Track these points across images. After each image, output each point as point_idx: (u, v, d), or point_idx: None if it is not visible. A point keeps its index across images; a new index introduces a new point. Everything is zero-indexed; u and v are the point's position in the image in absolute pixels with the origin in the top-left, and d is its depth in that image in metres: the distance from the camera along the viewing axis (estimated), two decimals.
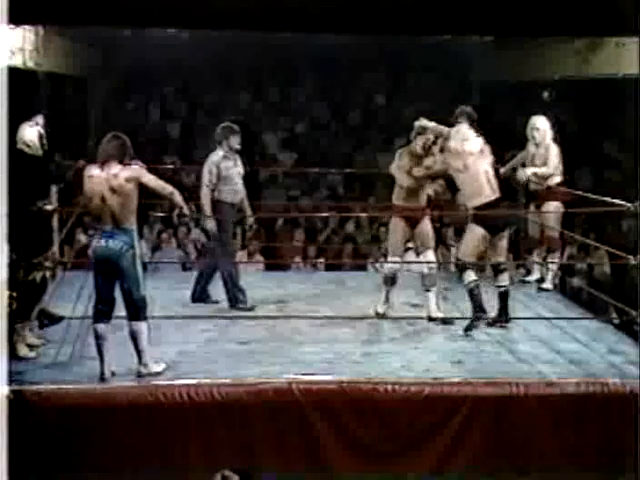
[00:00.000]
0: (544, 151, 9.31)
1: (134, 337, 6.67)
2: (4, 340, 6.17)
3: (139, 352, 6.69)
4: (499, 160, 9.88)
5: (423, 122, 8.27)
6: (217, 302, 8.68)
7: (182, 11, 7.96)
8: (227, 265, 8.57)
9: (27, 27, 10.74)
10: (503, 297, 8.07)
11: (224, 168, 8.49)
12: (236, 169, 8.59)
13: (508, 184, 9.64)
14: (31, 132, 7.18)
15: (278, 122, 17.75)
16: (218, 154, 8.56)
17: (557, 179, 9.33)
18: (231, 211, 8.59)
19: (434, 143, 8.22)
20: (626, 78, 11.04)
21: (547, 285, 9.42)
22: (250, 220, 8.99)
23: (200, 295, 8.79)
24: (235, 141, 8.58)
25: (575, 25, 8.29)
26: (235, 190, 8.58)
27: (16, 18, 6.94)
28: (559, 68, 13.87)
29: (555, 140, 9.38)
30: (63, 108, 15.13)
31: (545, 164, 9.28)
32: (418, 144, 8.30)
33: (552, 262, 9.48)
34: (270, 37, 13.79)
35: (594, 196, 8.65)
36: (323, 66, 17.74)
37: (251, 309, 8.51)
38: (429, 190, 8.40)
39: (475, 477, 6.56)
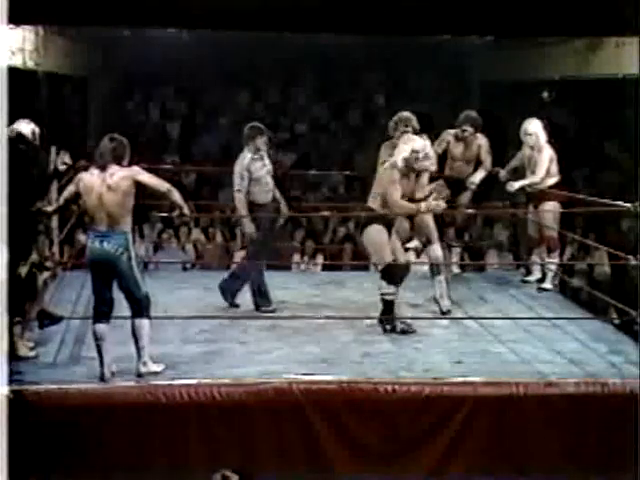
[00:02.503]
0: (537, 154, 9.34)
1: (136, 334, 6.68)
2: (4, 340, 6.17)
3: (139, 349, 6.69)
4: (499, 161, 9.92)
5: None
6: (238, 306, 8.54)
7: (182, 11, 7.96)
8: (258, 267, 8.52)
9: (27, 27, 10.74)
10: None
11: (254, 170, 8.39)
12: (265, 168, 8.48)
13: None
14: (25, 128, 7.16)
15: (278, 122, 17.75)
16: (247, 157, 8.43)
17: (553, 180, 9.34)
18: (265, 211, 8.47)
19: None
20: (626, 78, 11.04)
21: (547, 285, 9.42)
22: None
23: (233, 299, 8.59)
24: (262, 142, 8.48)
25: (575, 25, 8.29)
26: (266, 190, 8.47)
27: (16, 18, 6.94)
28: (559, 68, 13.88)
29: (549, 142, 9.38)
30: (63, 108, 15.15)
31: (537, 167, 9.30)
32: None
33: (551, 262, 9.47)
34: (270, 37, 13.81)
35: (592, 197, 8.66)
36: (323, 66, 17.76)
37: (274, 311, 8.40)
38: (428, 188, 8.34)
39: (475, 477, 6.56)
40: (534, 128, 9.38)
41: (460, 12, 7.98)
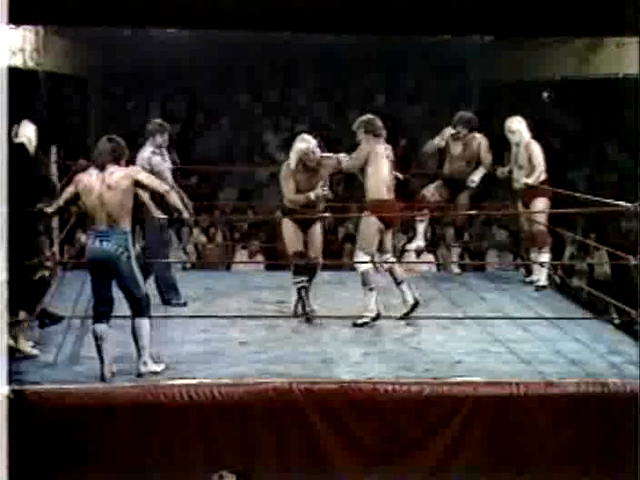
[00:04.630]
0: (524, 150, 9.46)
1: (136, 334, 6.67)
2: (4, 340, 6.16)
3: (139, 349, 6.69)
4: (498, 161, 9.95)
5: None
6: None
7: (182, 11, 7.96)
8: (162, 263, 8.63)
9: (28, 27, 10.74)
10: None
11: (155, 164, 8.50)
12: (165, 164, 8.61)
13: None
14: (30, 129, 7.19)
15: (278, 122, 17.76)
16: (147, 150, 8.58)
17: (542, 177, 9.41)
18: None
19: None
20: (627, 78, 11.05)
21: (542, 282, 9.46)
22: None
23: None
24: (161, 138, 8.64)
25: (575, 25, 8.30)
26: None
27: (16, 18, 6.92)
28: (560, 68, 13.89)
29: (535, 138, 9.48)
30: (63, 108, 15.15)
31: (530, 162, 9.41)
32: None
33: (551, 262, 9.49)
34: (270, 37, 13.81)
35: (590, 197, 8.69)
36: (323, 66, 17.76)
37: (185, 304, 8.56)
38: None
39: (475, 477, 6.56)
40: (516, 125, 9.53)
41: (460, 12, 7.98)
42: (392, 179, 8.19)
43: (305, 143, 8.10)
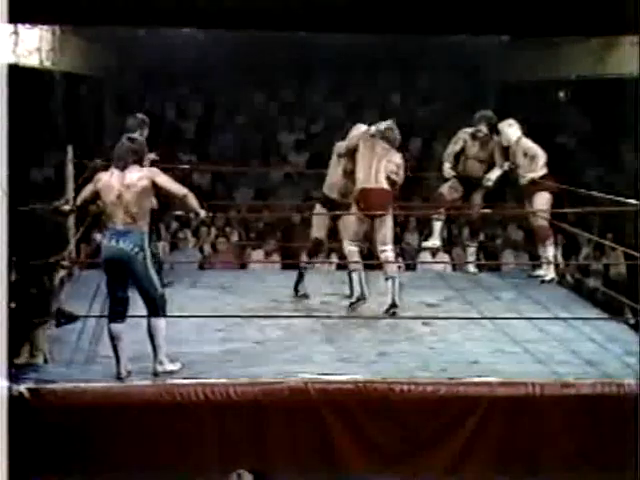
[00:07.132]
0: (517, 148, 9.59)
1: (151, 333, 6.68)
2: (4, 340, 6.12)
3: (155, 349, 6.69)
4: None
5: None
6: None
7: (196, 11, 7.95)
8: None
9: (44, 27, 10.77)
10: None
11: None
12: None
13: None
14: None
15: (293, 122, 17.77)
16: None
17: (543, 171, 9.46)
18: None
19: None
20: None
21: (548, 277, 9.50)
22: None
23: None
24: (146, 133, 8.86)
25: (591, 24, 8.28)
26: None
27: (16, 17, 6.88)
28: (576, 68, 13.87)
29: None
30: (79, 107, 15.20)
31: (526, 156, 9.54)
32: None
33: (559, 259, 9.54)
34: (286, 37, 13.84)
35: (599, 194, 8.72)
36: (338, 66, 17.76)
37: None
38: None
39: (489, 477, 6.55)
40: (504, 128, 9.70)
41: (475, 11, 7.97)
42: (382, 171, 8.29)
43: (363, 126, 8.57)
